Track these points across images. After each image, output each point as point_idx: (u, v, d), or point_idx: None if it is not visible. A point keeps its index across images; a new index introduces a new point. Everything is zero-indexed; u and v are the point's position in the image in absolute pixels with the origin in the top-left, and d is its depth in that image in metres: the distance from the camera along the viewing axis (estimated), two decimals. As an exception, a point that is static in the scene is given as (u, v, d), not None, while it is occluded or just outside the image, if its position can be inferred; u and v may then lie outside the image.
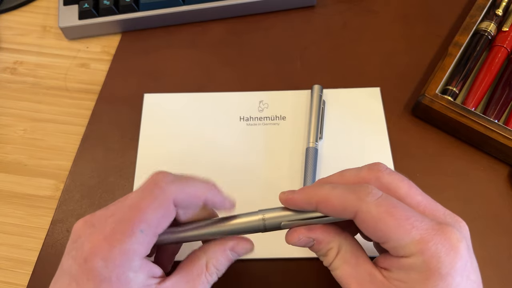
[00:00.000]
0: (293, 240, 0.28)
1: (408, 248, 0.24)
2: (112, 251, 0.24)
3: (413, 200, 0.26)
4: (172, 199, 0.26)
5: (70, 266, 0.25)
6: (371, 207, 0.24)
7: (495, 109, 0.40)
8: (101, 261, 0.24)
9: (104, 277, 0.24)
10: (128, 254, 0.24)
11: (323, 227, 0.27)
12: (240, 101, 0.43)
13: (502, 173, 0.40)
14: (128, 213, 0.25)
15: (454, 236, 0.24)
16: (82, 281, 0.24)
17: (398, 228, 0.24)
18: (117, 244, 0.24)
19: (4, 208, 0.39)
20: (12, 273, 0.37)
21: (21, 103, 0.45)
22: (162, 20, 0.48)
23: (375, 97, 0.43)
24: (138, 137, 0.42)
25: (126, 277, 0.24)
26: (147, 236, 0.25)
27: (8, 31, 0.49)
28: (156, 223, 0.26)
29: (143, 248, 0.25)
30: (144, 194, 0.26)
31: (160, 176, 0.27)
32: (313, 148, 0.39)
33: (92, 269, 0.24)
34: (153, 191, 0.26)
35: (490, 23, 0.44)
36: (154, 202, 0.26)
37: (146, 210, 0.25)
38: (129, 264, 0.24)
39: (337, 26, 0.49)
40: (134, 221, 0.25)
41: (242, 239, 0.29)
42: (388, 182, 0.26)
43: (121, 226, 0.25)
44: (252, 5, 0.48)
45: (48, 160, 0.41)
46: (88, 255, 0.24)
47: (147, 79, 0.45)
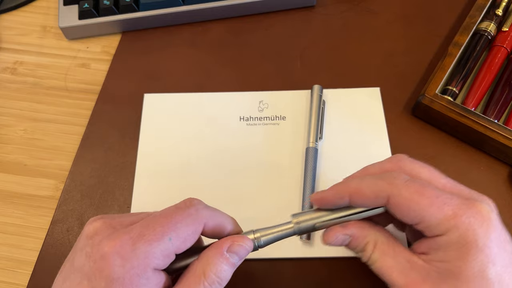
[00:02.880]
0: (330, 239, 0.28)
1: (442, 225, 0.24)
2: (134, 251, 0.24)
3: (438, 183, 0.27)
4: (203, 222, 0.26)
5: (83, 263, 0.24)
6: (402, 190, 0.25)
7: (495, 109, 0.40)
8: (119, 259, 0.24)
9: (117, 277, 0.23)
10: (149, 258, 0.24)
11: (357, 223, 0.28)
12: (240, 101, 0.43)
13: (502, 173, 0.40)
14: (160, 220, 0.25)
15: (485, 208, 0.25)
16: (94, 278, 0.24)
17: (430, 206, 0.24)
18: (142, 246, 0.24)
19: (4, 208, 0.39)
20: (12, 273, 0.37)
21: (21, 103, 0.45)
22: (162, 20, 0.48)
23: (375, 97, 0.43)
24: (138, 137, 0.42)
25: (139, 281, 0.24)
26: (173, 246, 0.25)
27: (8, 31, 0.49)
28: (184, 238, 0.25)
29: (163, 258, 0.25)
30: (179, 210, 0.26)
31: (195, 200, 0.27)
32: (313, 148, 0.39)
33: (107, 267, 0.24)
34: (188, 208, 0.26)
35: (490, 23, 0.44)
36: (188, 218, 0.26)
37: (178, 222, 0.25)
38: (145, 269, 0.24)
39: (337, 26, 0.49)
40: (166, 228, 0.25)
41: (236, 237, 0.27)
42: (410, 169, 0.27)
43: (151, 230, 0.25)
44: (252, 5, 0.48)
45: (48, 160, 0.41)
46: (107, 252, 0.24)
47: (147, 79, 0.45)
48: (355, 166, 0.40)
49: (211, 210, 0.27)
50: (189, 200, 0.27)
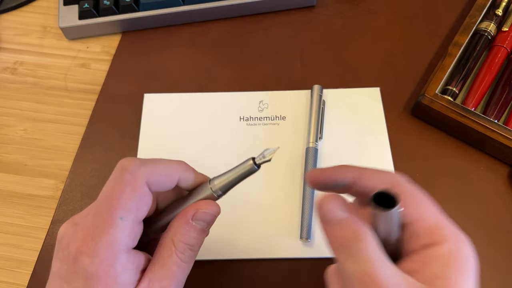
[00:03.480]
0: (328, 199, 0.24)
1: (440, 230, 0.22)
2: (96, 246, 0.24)
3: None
4: (144, 181, 0.25)
5: (59, 268, 0.25)
6: (408, 182, 0.24)
7: (495, 109, 0.40)
8: (87, 258, 0.24)
9: (91, 274, 0.23)
10: (113, 246, 0.24)
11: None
12: (240, 101, 0.43)
13: (502, 173, 0.40)
14: (104, 204, 0.25)
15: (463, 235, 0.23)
16: (72, 280, 0.24)
17: (430, 207, 0.23)
18: (99, 238, 0.24)
19: (4, 208, 0.39)
20: (12, 273, 0.37)
21: (21, 103, 0.45)
22: (162, 20, 0.48)
23: (375, 97, 0.43)
24: (138, 137, 0.42)
25: (114, 271, 0.24)
26: (129, 222, 0.24)
27: (8, 31, 0.49)
28: (134, 208, 0.25)
29: (127, 237, 0.24)
30: (115, 182, 0.25)
31: (126, 162, 0.26)
32: (313, 148, 0.39)
33: (81, 267, 0.24)
34: (123, 177, 0.25)
35: (490, 23, 0.44)
36: (127, 187, 0.25)
37: (120, 197, 0.24)
38: (115, 257, 0.24)
39: (337, 26, 0.49)
40: (111, 210, 0.24)
41: (202, 203, 0.26)
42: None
43: (99, 219, 0.24)
44: (252, 5, 0.48)
45: (48, 160, 0.42)
46: (76, 254, 0.24)
47: (147, 79, 0.45)
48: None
49: (149, 165, 0.26)
50: (120, 166, 0.26)
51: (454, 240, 0.22)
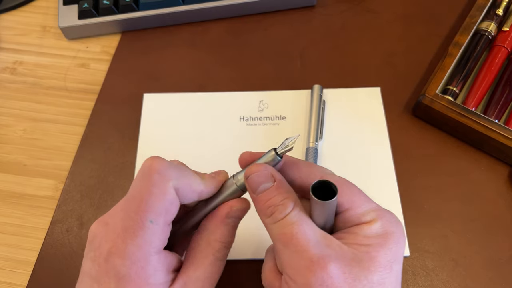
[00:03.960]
0: (255, 169, 0.25)
1: (368, 215, 0.25)
2: (127, 248, 0.24)
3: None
4: (172, 186, 0.25)
5: (90, 268, 0.25)
6: (336, 175, 0.26)
7: (495, 109, 0.40)
8: (118, 259, 0.24)
9: (123, 275, 0.24)
10: (144, 248, 0.24)
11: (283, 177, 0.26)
12: (240, 101, 0.43)
13: (502, 173, 0.40)
14: (133, 206, 0.25)
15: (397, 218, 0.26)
16: (103, 280, 0.24)
17: (359, 196, 0.26)
18: (130, 240, 0.24)
19: (4, 208, 0.39)
20: (12, 273, 0.37)
21: (20, 103, 0.45)
22: (162, 20, 0.48)
23: (375, 97, 0.43)
24: (137, 137, 0.42)
25: (145, 273, 0.24)
26: (159, 225, 0.24)
27: (7, 31, 0.49)
28: (163, 211, 0.25)
29: (157, 239, 0.24)
30: (143, 181, 0.25)
31: (155, 162, 0.26)
32: (313, 148, 0.39)
33: (112, 268, 0.24)
34: (152, 177, 0.25)
35: (490, 23, 0.44)
36: (155, 192, 0.25)
37: (150, 200, 0.24)
38: (146, 259, 0.24)
39: (337, 26, 0.48)
40: (140, 212, 0.24)
41: (234, 202, 0.27)
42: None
43: (129, 221, 0.24)
44: (252, 5, 0.48)
45: (47, 160, 0.41)
46: (108, 255, 0.24)
47: (147, 79, 0.45)
48: (355, 166, 0.40)
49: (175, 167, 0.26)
50: (148, 165, 0.26)
51: (381, 221, 0.25)
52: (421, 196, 0.39)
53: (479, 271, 0.36)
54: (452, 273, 0.36)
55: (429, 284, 0.35)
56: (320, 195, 0.23)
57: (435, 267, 0.36)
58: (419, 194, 0.39)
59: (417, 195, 0.39)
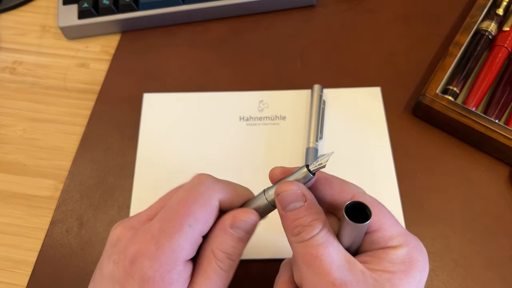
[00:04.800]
0: (286, 187, 0.25)
1: (396, 239, 0.25)
2: (159, 249, 0.24)
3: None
4: (217, 198, 0.26)
5: (112, 271, 0.24)
6: (367, 195, 0.26)
7: (495, 109, 0.40)
8: (147, 261, 0.23)
9: (148, 277, 0.23)
10: (176, 252, 0.24)
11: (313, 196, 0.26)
12: (240, 101, 0.43)
13: (502, 173, 0.40)
14: (175, 210, 0.25)
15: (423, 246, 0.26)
16: (127, 283, 0.24)
17: (388, 219, 0.25)
18: (166, 241, 0.24)
19: (4, 208, 0.39)
20: (11, 273, 0.37)
21: (20, 103, 0.45)
22: (162, 19, 0.48)
23: (376, 97, 0.43)
24: (137, 137, 0.42)
25: (170, 277, 0.24)
26: (195, 232, 0.24)
27: (7, 30, 0.49)
28: (203, 220, 0.25)
29: (189, 247, 0.24)
30: (190, 192, 0.26)
31: (204, 176, 0.27)
32: (313, 148, 0.39)
33: (138, 270, 0.24)
34: (199, 188, 0.26)
35: (490, 22, 0.44)
36: (201, 199, 0.25)
37: (193, 206, 0.25)
38: (174, 264, 0.24)
39: (337, 26, 0.48)
40: (183, 216, 0.24)
41: (238, 212, 0.26)
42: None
43: (169, 223, 0.24)
44: (252, 5, 0.48)
45: (47, 160, 0.41)
46: (135, 257, 0.24)
47: (147, 79, 0.45)
48: (355, 166, 0.40)
49: (222, 183, 0.27)
50: (197, 178, 0.27)
51: (407, 247, 0.25)
52: (421, 196, 0.39)
53: (479, 271, 0.36)
54: (453, 273, 0.36)
55: (429, 284, 0.35)
56: (352, 216, 0.23)
57: (435, 267, 0.36)
58: (419, 194, 0.39)
59: (417, 195, 0.39)
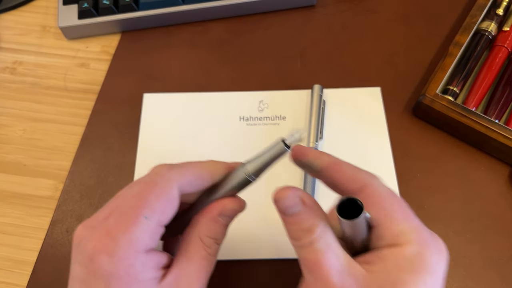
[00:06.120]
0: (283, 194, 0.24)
1: (405, 235, 0.23)
2: (117, 244, 0.23)
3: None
4: (175, 186, 0.25)
5: (79, 273, 0.24)
6: (380, 185, 0.25)
7: (495, 109, 0.40)
8: (106, 257, 0.23)
9: (111, 273, 0.23)
10: (134, 245, 0.23)
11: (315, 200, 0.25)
12: (240, 101, 0.43)
13: (502, 173, 0.40)
14: (129, 203, 0.25)
15: (444, 245, 0.24)
16: (91, 282, 0.23)
17: (399, 211, 0.24)
18: (122, 235, 0.23)
19: (4, 208, 0.39)
20: (12, 273, 0.37)
21: (20, 103, 0.45)
22: (162, 19, 0.48)
23: (376, 97, 0.43)
24: (137, 137, 0.42)
25: (134, 270, 0.23)
26: (152, 223, 0.24)
27: (7, 30, 0.49)
28: (160, 210, 0.25)
29: (148, 238, 0.24)
30: (146, 183, 0.25)
31: (159, 166, 0.27)
32: (313, 148, 0.39)
33: (99, 268, 0.23)
34: (154, 179, 0.25)
35: (490, 23, 0.44)
36: (156, 189, 0.25)
37: (148, 197, 0.24)
38: (135, 255, 0.23)
39: (337, 26, 0.48)
40: (138, 208, 0.24)
41: (227, 201, 0.27)
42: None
43: (124, 217, 0.24)
44: (252, 5, 0.48)
45: (47, 160, 0.41)
46: (92, 254, 0.23)
47: (147, 79, 0.45)
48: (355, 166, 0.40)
49: (179, 168, 0.26)
50: (152, 170, 0.27)
51: (418, 244, 0.23)
52: (421, 196, 0.39)
53: (479, 271, 0.36)
54: (452, 273, 0.36)
55: (429, 284, 0.35)
56: (348, 211, 0.22)
57: (435, 267, 0.36)
58: (419, 194, 0.39)
59: (417, 195, 0.39)
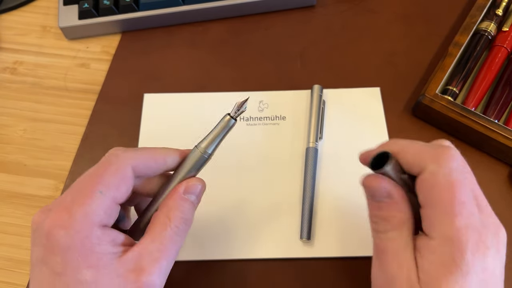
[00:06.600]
0: (377, 184, 0.26)
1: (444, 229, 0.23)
2: (72, 216, 0.24)
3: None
4: (129, 164, 0.27)
5: (36, 254, 0.25)
6: (440, 171, 0.24)
7: (495, 109, 0.40)
8: (61, 230, 0.24)
9: (68, 246, 0.24)
10: (89, 217, 0.24)
11: (405, 194, 0.26)
12: (240, 101, 0.43)
13: (502, 173, 0.40)
14: (84, 181, 0.26)
15: (488, 242, 0.23)
16: (49, 259, 0.24)
17: (448, 204, 0.23)
18: (77, 208, 0.24)
19: (4, 208, 0.39)
20: (12, 273, 0.37)
21: (21, 103, 0.45)
22: (162, 20, 0.48)
23: (375, 97, 0.43)
24: (138, 137, 0.42)
25: (90, 241, 0.24)
26: (107, 198, 0.25)
27: (8, 31, 0.49)
28: (114, 186, 0.26)
29: (103, 212, 0.25)
30: (101, 163, 0.27)
31: (114, 149, 0.28)
32: (313, 148, 0.39)
33: (55, 242, 0.24)
34: (108, 159, 0.27)
35: (490, 23, 0.44)
36: (111, 167, 0.26)
37: (103, 174, 0.26)
38: (90, 228, 0.24)
39: (337, 26, 0.48)
40: (93, 184, 0.25)
41: (190, 179, 0.29)
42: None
43: (80, 193, 0.25)
44: (252, 5, 0.48)
45: (48, 160, 0.41)
46: (50, 230, 0.24)
47: (147, 79, 0.45)
48: (355, 166, 0.40)
49: (134, 150, 0.28)
50: (108, 152, 0.28)
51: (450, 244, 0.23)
52: (421, 196, 0.39)
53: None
54: (452, 273, 0.36)
55: (429, 284, 0.35)
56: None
57: (435, 267, 0.36)
58: (419, 194, 0.39)
59: (417, 195, 0.39)
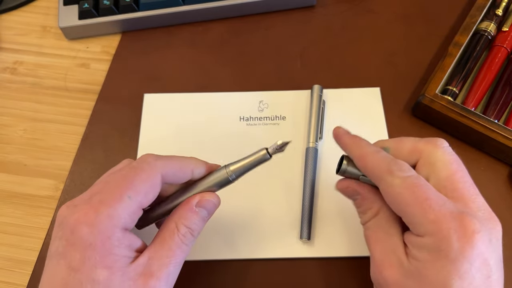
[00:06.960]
0: (343, 186, 0.30)
1: (422, 227, 0.25)
2: (98, 216, 0.25)
3: (451, 184, 0.26)
4: (159, 173, 0.27)
5: (57, 246, 0.25)
6: (395, 181, 0.26)
7: (495, 109, 0.40)
8: (86, 227, 0.24)
9: (89, 243, 0.24)
10: (114, 220, 0.25)
11: (371, 187, 0.29)
12: (240, 101, 0.43)
13: (502, 173, 0.40)
14: (116, 183, 0.26)
15: (472, 226, 0.24)
16: (69, 254, 0.24)
17: (414, 205, 0.25)
18: (104, 209, 0.25)
19: (4, 208, 0.39)
20: (12, 273, 0.37)
21: (21, 103, 0.45)
22: (162, 20, 0.48)
23: (375, 97, 0.43)
24: (138, 137, 0.42)
25: (111, 243, 0.25)
26: (134, 203, 0.26)
27: (8, 31, 0.49)
28: (143, 192, 0.26)
29: (128, 216, 0.26)
30: (133, 168, 0.27)
31: (146, 155, 0.29)
32: (313, 148, 0.39)
33: (78, 238, 0.24)
34: (141, 165, 0.27)
35: (490, 23, 0.44)
36: (142, 174, 0.27)
37: (134, 180, 0.26)
38: (113, 230, 0.25)
39: (337, 26, 0.49)
40: (123, 188, 0.26)
41: (206, 193, 0.29)
42: (436, 159, 0.27)
43: (108, 195, 0.26)
44: (252, 5, 0.48)
45: (48, 160, 0.41)
46: (74, 225, 0.25)
47: (147, 79, 0.45)
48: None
49: (165, 159, 0.28)
50: (140, 158, 0.29)
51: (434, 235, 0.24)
52: (421, 196, 0.39)
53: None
54: (452, 273, 0.36)
55: (429, 283, 0.35)
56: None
57: (435, 267, 0.36)
58: (419, 194, 0.39)
59: (417, 195, 0.39)
